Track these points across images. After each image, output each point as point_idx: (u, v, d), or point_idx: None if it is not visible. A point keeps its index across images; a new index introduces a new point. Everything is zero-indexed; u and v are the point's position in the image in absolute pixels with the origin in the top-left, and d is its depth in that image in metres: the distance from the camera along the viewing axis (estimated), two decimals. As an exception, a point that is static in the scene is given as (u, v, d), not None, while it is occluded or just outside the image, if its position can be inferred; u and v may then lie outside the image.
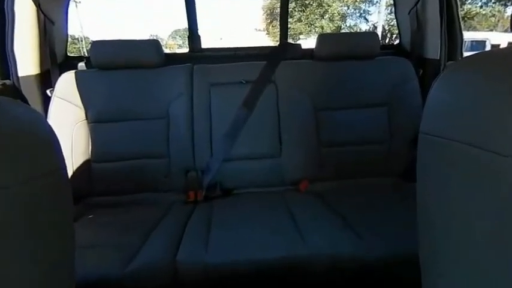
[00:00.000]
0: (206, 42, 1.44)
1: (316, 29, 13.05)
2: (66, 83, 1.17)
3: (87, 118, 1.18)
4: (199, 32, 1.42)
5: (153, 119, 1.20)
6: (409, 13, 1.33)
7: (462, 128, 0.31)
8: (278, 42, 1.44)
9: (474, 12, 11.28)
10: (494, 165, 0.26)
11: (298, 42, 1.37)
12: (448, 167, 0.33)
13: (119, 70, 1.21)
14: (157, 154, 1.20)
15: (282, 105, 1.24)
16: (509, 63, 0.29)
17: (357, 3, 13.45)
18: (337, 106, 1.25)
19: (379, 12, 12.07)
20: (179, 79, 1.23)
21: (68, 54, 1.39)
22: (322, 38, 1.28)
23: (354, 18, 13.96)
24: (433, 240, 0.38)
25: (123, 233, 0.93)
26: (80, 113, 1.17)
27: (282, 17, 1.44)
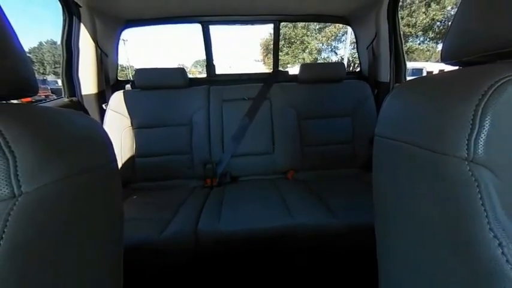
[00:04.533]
0: (219, 69, 1.43)
1: (299, 60, 13.04)
2: (116, 100, 1.17)
3: (132, 125, 1.17)
4: (214, 62, 1.41)
5: (180, 125, 1.19)
6: (367, 48, 1.33)
7: (406, 132, 0.30)
8: (272, 70, 1.42)
9: (414, 47, 11.27)
10: (431, 161, 0.26)
11: (286, 69, 1.34)
12: (396, 161, 0.33)
13: (155, 90, 1.20)
14: (183, 151, 1.19)
15: (274, 116, 1.24)
16: (439, 86, 0.28)
17: (329, 41, 13.44)
18: (315, 116, 1.24)
19: (345, 47, 12.05)
20: (200, 97, 1.22)
21: (118, 78, 1.37)
22: (304, 66, 1.27)
23: (327, 52, 13.95)
24: (384, 215, 0.37)
25: (158, 209, 0.92)
26: (126, 121, 1.16)
27: (274, 51, 1.43)
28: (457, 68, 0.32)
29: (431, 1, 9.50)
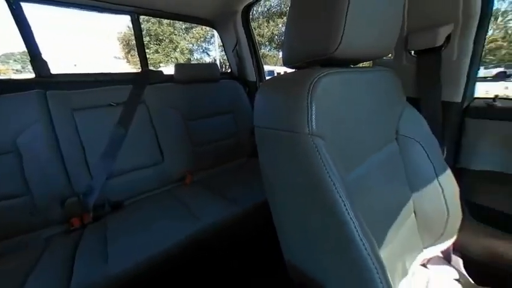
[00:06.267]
0: (57, 68, 1.03)
1: (172, 60, 12.36)
2: None
3: None
4: (45, 57, 0.99)
5: None
6: (232, 51, 1.47)
7: (273, 120, 0.38)
8: (140, 69, 1.24)
9: (266, 54, 14.34)
10: (292, 139, 0.35)
11: (159, 69, 1.23)
12: (272, 145, 0.39)
13: None
14: (12, 194, 0.78)
15: (156, 121, 1.10)
16: (287, 84, 0.39)
17: (198, 42, 13.77)
18: (199, 116, 1.24)
19: (215, 50, 12.92)
20: (28, 107, 0.84)
21: None
22: (179, 66, 1.22)
23: (199, 53, 14.22)
24: (272, 190, 0.43)
25: None
26: None
27: (139, 48, 1.24)
28: (294, 70, 0.44)
29: (269, 19, 12.39)
